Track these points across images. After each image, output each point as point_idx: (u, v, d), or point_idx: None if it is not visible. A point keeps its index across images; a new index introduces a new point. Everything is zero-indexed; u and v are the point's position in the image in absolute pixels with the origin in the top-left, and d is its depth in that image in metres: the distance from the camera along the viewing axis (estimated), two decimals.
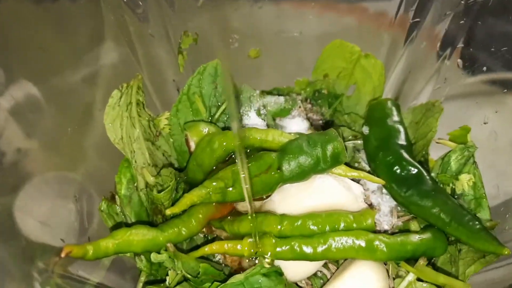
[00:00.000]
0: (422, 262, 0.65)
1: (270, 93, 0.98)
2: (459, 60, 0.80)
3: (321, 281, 0.76)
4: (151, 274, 0.76)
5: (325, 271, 0.76)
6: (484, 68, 0.76)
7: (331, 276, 0.75)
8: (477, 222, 0.67)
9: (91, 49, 0.78)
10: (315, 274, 0.76)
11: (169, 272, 0.72)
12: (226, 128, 0.82)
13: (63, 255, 0.59)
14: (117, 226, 0.75)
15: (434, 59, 0.85)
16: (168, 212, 0.67)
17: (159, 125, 0.88)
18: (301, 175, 0.73)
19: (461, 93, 0.83)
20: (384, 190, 0.81)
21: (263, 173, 0.72)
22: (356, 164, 0.83)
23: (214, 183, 0.71)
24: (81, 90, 0.77)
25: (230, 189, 0.71)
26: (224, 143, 0.78)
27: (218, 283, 0.70)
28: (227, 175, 0.72)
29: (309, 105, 0.98)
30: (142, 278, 0.76)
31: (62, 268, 0.62)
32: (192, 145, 0.84)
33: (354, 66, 0.95)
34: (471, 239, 0.66)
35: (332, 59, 0.96)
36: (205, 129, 0.84)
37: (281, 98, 0.93)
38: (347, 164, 0.77)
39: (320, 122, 0.97)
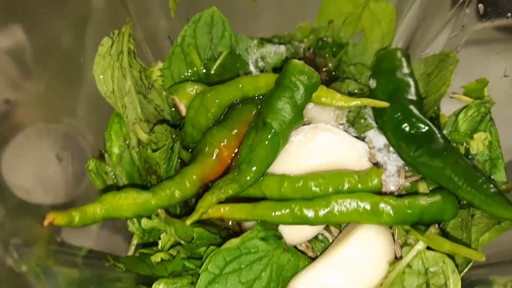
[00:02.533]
0: (433, 230, 0.61)
1: (269, 41, 0.91)
2: (480, 5, 0.71)
3: (322, 244, 0.73)
4: (144, 237, 0.73)
5: (326, 234, 0.72)
6: (509, 14, 0.68)
7: (333, 240, 0.71)
8: (491, 185, 0.62)
9: None
10: (316, 237, 0.73)
11: (162, 236, 0.69)
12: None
13: (46, 223, 0.54)
14: (108, 189, 0.71)
15: (451, 2, 0.77)
16: (188, 222, 0.62)
17: (152, 76, 0.81)
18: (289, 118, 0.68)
19: (480, 42, 0.76)
20: (391, 148, 0.75)
21: (254, 137, 0.67)
22: (362, 121, 0.77)
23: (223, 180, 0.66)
24: (67, 38, 0.70)
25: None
26: (217, 100, 0.72)
27: (213, 247, 0.66)
28: (236, 163, 0.68)
29: (313, 55, 0.90)
30: (135, 242, 0.73)
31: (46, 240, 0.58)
32: (182, 109, 0.78)
33: (362, 10, 0.87)
34: (484, 203, 0.62)
35: (337, 3, 0.88)
36: (192, 89, 0.77)
37: (282, 47, 0.86)
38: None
39: (324, 73, 0.90)
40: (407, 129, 0.71)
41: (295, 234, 0.70)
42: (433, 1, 0.81)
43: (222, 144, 0.71)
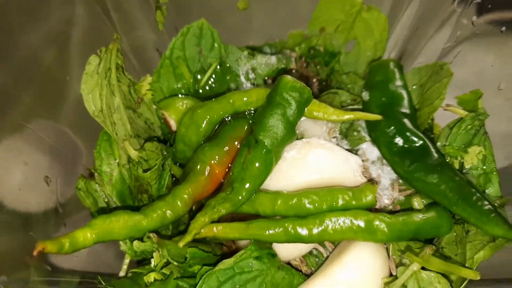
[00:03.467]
0: (428, 250, 0.61)
1: (260, 50, 0.89)
2: (474, 17, 0.70)
3: (317, 259, 0.72)
4: (136, 255, 0.72)
5: (321, 249, 0.72)
6: (503, 29, 0.67)
7: (327, 256, 0.71)
8: (486, 202, 0.62)
9: (60, 10, 0.69)
10: (310, 252, 0.72)
11: (154, 254, 0.67)
12: (213, 96, 0.75)
13: (35, 253, 0.54)
14: (99, 211, 0.69)
15: (445, 13, 0.76)
16: (181, 244, 0.61)
17: (141, 90, 0.80)
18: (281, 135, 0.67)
19: (475, 51, 0.75)
20: (384, 161, 0.74)
21: (246, 154, 0.66)
22: (355, 133, 0.76)
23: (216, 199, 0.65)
24: (50, 52, 0.68)
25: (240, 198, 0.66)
26: (208, 116, 0.71)
27: (207, 267, 0.66)
28: (229, 180, 0.67)
29: (304, 64, 0.89)
30: (127, 261, 0.72)
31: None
32: (173, 124, 0.77)
33: (354, 19, 0.85)
34: (479, 221, 0.61)
35: (330, 11, 0.86)
36: (182, 104, 0.76)
37: (273, 58, 0.84)
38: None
39: (316, 82, 0.89)
40: (401, 143, 0.70)
41: (290, 250, 0.70)
42: (426, 11, 0.79)
43: (214, 161, 0.70)
